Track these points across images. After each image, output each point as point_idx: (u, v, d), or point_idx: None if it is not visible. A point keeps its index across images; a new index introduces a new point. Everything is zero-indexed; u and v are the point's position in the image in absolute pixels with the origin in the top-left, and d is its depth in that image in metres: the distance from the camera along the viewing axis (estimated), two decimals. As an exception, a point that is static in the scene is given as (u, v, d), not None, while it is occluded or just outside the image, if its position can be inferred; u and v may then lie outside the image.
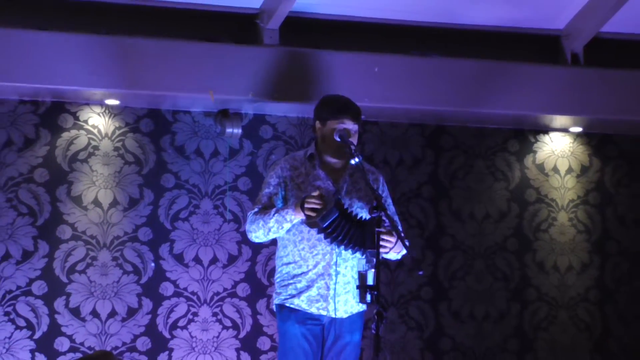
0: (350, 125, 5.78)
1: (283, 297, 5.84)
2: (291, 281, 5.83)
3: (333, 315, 5.78)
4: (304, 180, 5.82)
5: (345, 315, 5.79)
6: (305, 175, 5.84)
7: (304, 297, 5.78)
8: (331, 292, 5.78)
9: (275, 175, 5.87)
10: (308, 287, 5.79)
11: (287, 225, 5.73)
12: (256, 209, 5.84)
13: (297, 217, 5.64)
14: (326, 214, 5.47)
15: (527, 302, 7.35)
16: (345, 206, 5.58)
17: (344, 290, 5.76)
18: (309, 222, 5.60)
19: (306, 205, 5.56)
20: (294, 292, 5.82)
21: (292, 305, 5.82)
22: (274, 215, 5.70)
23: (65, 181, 6.66)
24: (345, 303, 5.75)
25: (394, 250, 5.62)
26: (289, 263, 5.83)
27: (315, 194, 5.57)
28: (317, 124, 5.92)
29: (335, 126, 5.80)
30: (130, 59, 6.40)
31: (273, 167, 5.96)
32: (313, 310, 5.77)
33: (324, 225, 5.51)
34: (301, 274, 5.80)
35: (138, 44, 6.42)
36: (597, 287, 7.46)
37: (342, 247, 5.58)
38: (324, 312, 5.73)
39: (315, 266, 5.77)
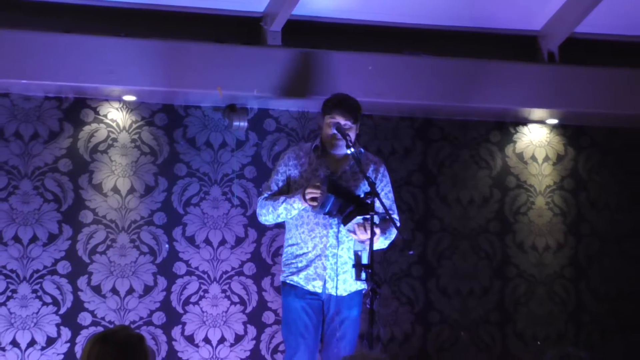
0: (341, 120, 5.82)
1: (286, 274, 5.92)
2: (293, 260, 5.90)
3: (334, 293, 5.83)
4: (307, 169, 5.89)
5: (345, 293, 5.84)
6: (308, 164, 5.90)
7: (302, 275, 5.85)
8: (328, 271, 5.83)
9: (283, 164, 5.95)
10: (307, 267, 5.85)
11: (294, 212, 5.79)
12: (266, 195, 5.91)
13: (303, 205, 5.71)
14: (324, 201, 5.54)
15: (507, 279, 7.36)
16: (336, 185, 5.63)
17: (342, 270, 5.81)
18: (312, 208, 5.68)
19: (307, 196, 5.63)
20: (294, 270, 5.89)
21: (292, 282, 5.88)
22: (282, 203, 5.76)
23: (86, 170, 6.66)
24: (345, 282, 5.82)
25: (376, 240, 5.65)
26: (293, 245, 5.90)
27: (316, 184, 5.64)
28: (321, 119, 6.00)
29: (328, 120, 5.88)
30: (146, 59, 6.41)
31: (282, 157, 6.03)
32: (309, 287, 5.83)
33: (325, 212, 5.59)
34: (302, 254, 5.86)
35: (153, 45, 6.44)
36: (572, 265, 7.48)
37: (349, 219, 5.63)
38: (319, 290, 5.79)
39: (313, 248, 5.84)
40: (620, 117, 7.32)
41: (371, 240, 5.58)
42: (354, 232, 5.64)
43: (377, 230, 5.63)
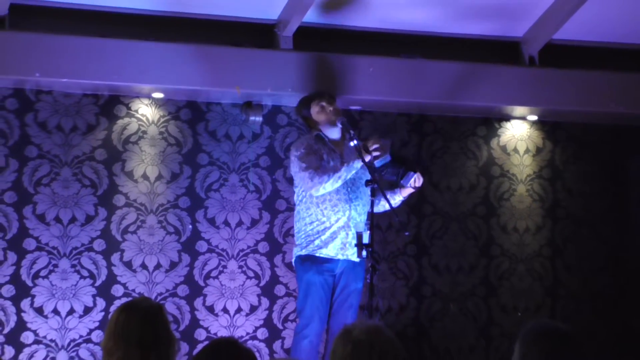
0: (325, 102, 5.99)
1: (309, 249, 5.94)
2: (316, 236, 5.95)
3: (352, 259, 5.90)
4: (322, 151, 5.98)
5: (358, 260, 5.89)
6: (320, 149, 6.00)
7: (330, 246, 5.91)
8: (350, 239, 5.91)
9: (308, 147, 5.99)
10: (333, 239, 5.92)
11: (352, 173, 5.84)
12: (313, 171, 5.90)
13: (358, 163, 5.74)
14: (385, 153, 5.76)
15: (492, 257, 7.37)
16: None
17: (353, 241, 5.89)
18: (376, 162, 5.76)
19: (371, 147, 5.73)
20: (320, 243, 5.93)
21: (319, 254, 5.92)
22: (342, 167, 5.80)
23: (119, 159, 6.67)
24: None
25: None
26: (313, 222, 5.96)
27: (375, 140, 5.77)
28: (306, 114, 6.09)
29: (317, 104, 6.01)
30: (172, 60, 6.42)
31: (302, 145, 6.05)
32: (339, 256, 5.90)
33: (378, 167, 5.75)
34: (324, 229, 5.93)
35: (178, 48, 6.45)
36: (549, 245, 7.48)
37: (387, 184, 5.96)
38: (344, 257, 5.91)
39: (337, 221, 5.90)
40: (592, 114, 7.33)
41: (370, 212, 5.81)
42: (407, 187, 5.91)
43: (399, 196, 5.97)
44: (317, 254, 5.92)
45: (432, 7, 6.70)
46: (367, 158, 5.74)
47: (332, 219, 5.91)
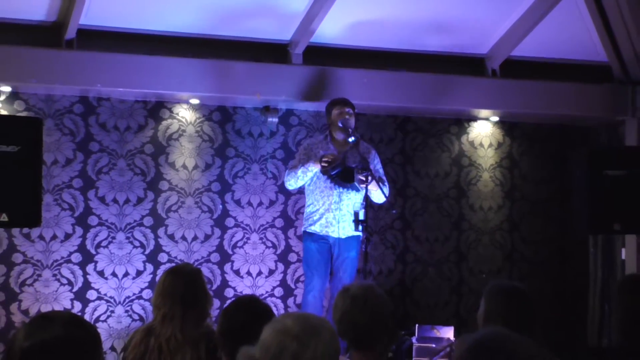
0: (346, 110, 6.00)
1: (305, 226, 6.03)
2: (311, 216, 6.02)
3: (336, 236, 5.94)
4: (320, 150, 6.00)
5: (344, 237, 5.94)
6: (321, 148, 6.02)
7: (317, 224, 5.96)
8: (331, 220, 5.94)
9: (303, 148, 6.07)
10: (320, 218, 5.97)
11: (309, 174, 5.91)
12: (289, 169, 6.04)
13: (315, 167, 5.83)
14: (335, 166, 5.71)
15: (462, 230, 7.39)
16: (346, 164, 5.85)
17: (342, 220, 5.94)
18: (323, 170, 5.81)
19: (323, 160, 5.78)
20: (312, 222, 6.00)
21: (310, 231, 5.99)
22: (300, 167, 5.88)
23: (164, 152, 6.71)
24: (344, 228, 5.96)
25: (373, 190, 5.82)
26: (310, 204, 6.05)
27: (330, 154, 5.80)
28: (328, 116, 6.10)
29: (336, 112, 6.01)
30: (206, 73, 6.41)
31: (302, 144, 6.17)
32: (323, 232, 5.95)
33: (332, 173, 5.77)
34: (315, 210, 6.00)
35: (211, 63, 6.43)
36: (508, 220, 7.51)
37: (339, 184, 5.87)
38: (328, 234, 5.92)
39: (323, 205, 5.96)
40: (542, 116, 7.34)
41: (366, 194, 5.81)
42: (361, 184, 5.82)
43: (372, 185, 5.80)
44: (310, 230, 6.00)
45: (413, 29, 6.70)
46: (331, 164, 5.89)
47: (320, 202, 5.98)
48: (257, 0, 6.23)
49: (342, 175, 5.91)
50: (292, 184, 6.06)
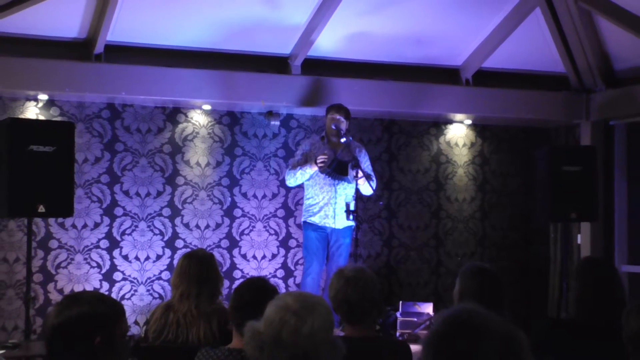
0: (337, 116, 5.99)
1: (306, 217, 6.03)
2: (310, 208, 6.03)
3: (334, 227, 5.95)
4: (317, 151, 6.01)
5: (340, 227, 5.96)
6: (318, 148, 6.03)
7: (317, 216, 5.96)
8: (330, 213, 5.95)
9: (301, 148, 6.08)
10: (319, 211, 5.97)
11: (307, 175, 5.91)
12: (290, 167, 6.04)
13: (313, 168, 5.83)
14: (329, 163, 5.72)
15: (441, 219, 7.40)
16: (339, 158, 5.86)
17: (339, 212, 5.95)
18: (321, 169, 5.82)
19: (318, 160, 5.78)
20: (312, 214, 6.01)
21: (310, 221, 5.99)
22: (299, 169, 5.88)
23: (180, 152, 6.70)
24: (340, 220, 5.96)
25: (362, 184, 5.79)
26: (309, 198, 6.05)
27: (323, 154, 5.79)
28: (325, 119, 6.11)
29: (329, 117, 6.03)
30: (217, 82, 6.39)
31: (301, 144, 6.17)
32: (322, 223, 5.95)
33: (329, 169, 5.79)
34: (315, 204, 6.00)
35: (221, 74, 6.40)
36: (480, 210, 7.52)
37: (336, 178, 5.88)
38: (327, 225, 5.91)
39: (322, 199, 5.96)
40: (509, 119, 7.34)
41: (357, 188, 5.81)
42: (353, 177, 5.81)
43: (362, 180, 5.78)
44: (310, 221, 6.01)
45: (397, 43, 6.70)
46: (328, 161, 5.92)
47: (320, 197, 5.99)
48: (261, 19, 6.24)
49: (337, 168, 5.96)
50: (291, 182, 6.08)
